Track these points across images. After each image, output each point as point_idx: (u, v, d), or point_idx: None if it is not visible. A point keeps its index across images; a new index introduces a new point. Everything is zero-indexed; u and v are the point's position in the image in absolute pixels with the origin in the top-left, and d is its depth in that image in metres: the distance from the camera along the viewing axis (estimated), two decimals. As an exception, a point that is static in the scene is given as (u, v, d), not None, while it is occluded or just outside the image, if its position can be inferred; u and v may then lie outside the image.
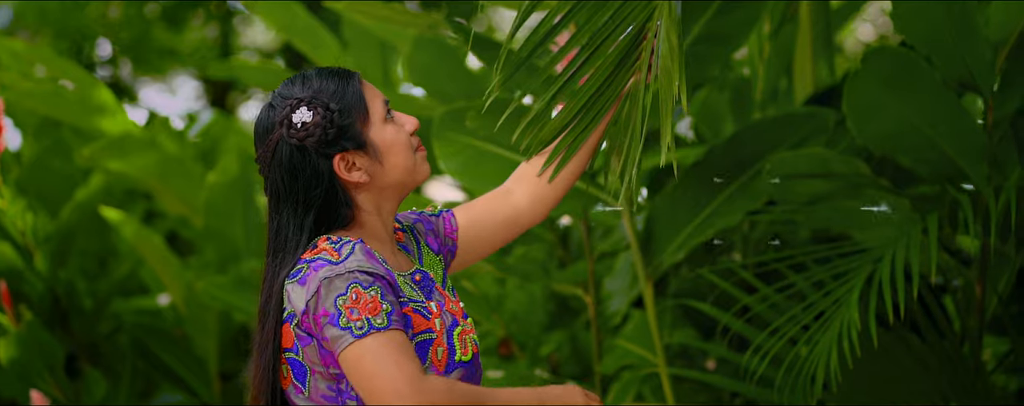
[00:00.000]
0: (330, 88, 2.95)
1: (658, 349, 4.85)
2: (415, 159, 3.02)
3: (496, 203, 3.26)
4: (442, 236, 3.21)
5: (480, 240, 3.25)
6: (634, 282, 5.20)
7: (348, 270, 2.81)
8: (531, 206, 3.25)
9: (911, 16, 4.38)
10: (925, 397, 4.57)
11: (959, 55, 4.40)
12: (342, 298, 2.79)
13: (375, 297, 2.79)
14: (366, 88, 3.00)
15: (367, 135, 2.96)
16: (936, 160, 4.54)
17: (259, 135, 3.00)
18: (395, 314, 2.81)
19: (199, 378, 7.06)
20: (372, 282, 2.81)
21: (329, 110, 2.92)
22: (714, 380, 4.74)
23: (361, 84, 3.00)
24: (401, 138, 2.99)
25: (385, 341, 2.77)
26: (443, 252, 3.20)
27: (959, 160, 4.50)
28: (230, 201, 6.46)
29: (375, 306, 2.78)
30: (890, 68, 4.40)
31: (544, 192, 3.26)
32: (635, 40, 3.16)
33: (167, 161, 6.45)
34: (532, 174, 3.26)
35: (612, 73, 3.18)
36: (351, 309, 2.78)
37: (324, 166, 2.94)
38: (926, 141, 4.50)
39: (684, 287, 5.26)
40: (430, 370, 2.89)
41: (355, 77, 3.00)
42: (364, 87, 3.00)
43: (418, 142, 3.05)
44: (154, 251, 6.80)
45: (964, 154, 4.49)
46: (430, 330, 2.91)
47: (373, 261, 2.86)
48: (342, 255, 2.85)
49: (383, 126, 2.98)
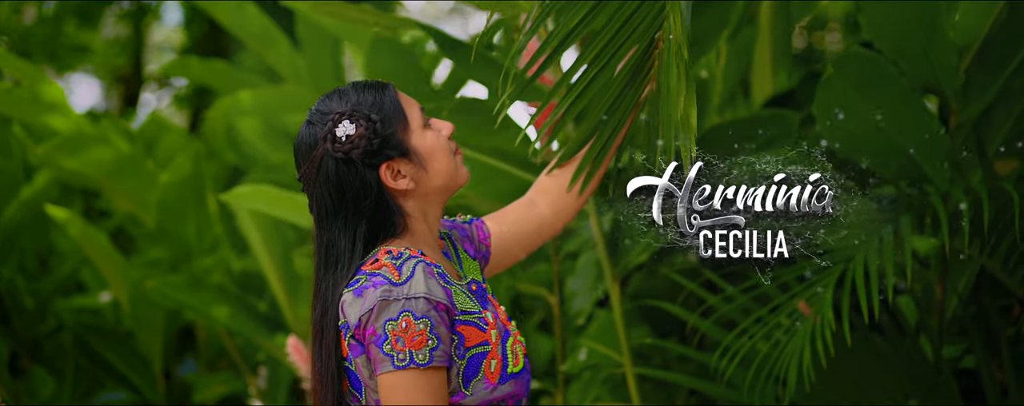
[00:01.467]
0: (368, 99, 2.96)
1: (624, 349, 4.83)
2: (455, 163, 3.03)
3: (522, 213, 3.29)
4: (477, 242, 3.22)
5: (509, 249, 3.27)
6: (596, 282, 5.18)
7: (406, 296, 2.83)
8: (554, 217, 3.29)
9: (882, 21, 4.40)
10: (888, 396, 4.58)
11: (926, 59, 4.42)
12: (392, 323, 2.81)
13: (423, 331, 2.81)
14: (401, 97, 3.01)
15: (409, 142, 2.98)
16: (899, 162, 4.56)
17: (301, 153, 3.01)
18: (439, 350, 2.83)
19: (143, 377, 7.00)
20: (426, 312, 2.82)
21: (371, 121, 2.93)
22: (681, 380, 4.72)
23: (397, 93, 3.01)
24: (441, 143, 3.01)
25: (422, 380, 2.81)
26: (478, 257, 3.21)
27: (922, 162, 4.52)
28: (182, 200, 6.40)
29: (421, 340, 2.81)
30: (860, 71, 4.41)
31: (565, 203, 3.28)
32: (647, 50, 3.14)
33: (120, 159, 6.38)
34: (552, 186, 3.27)
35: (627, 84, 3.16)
36: (397, 338, 2.80)
37: (371, 176, 2.95)
38: (891, 143, 4.51)
39: (643, 287, 5.25)
40: (483, 383, 2.90)
41: (390, 87, 3.01)
42: (400, 96, 3.01)
43: (455, 146, 3.06)
44: (99, 249, 6.73)
45: (927, 156, 4.51)
46: (486, 342, 2.92)
47: (433, 281, 2.87)
48: (403, 276, 2.86)
49: (423, 132, 2.99)
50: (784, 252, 3.41)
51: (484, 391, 2.89)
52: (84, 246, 6.76)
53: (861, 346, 4.51)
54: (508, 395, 2.93)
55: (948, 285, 4.68)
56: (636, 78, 3.19)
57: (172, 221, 6.47)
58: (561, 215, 3.29)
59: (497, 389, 2.90)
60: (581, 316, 5.16)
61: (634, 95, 3.21)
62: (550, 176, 3.31)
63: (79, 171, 6.35)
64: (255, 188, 5.28)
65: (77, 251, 7.43)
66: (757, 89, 5.47)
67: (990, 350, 4.65)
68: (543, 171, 3.38)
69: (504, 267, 3.30)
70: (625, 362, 4.85)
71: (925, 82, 4.49)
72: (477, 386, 2.89)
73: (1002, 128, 4.66)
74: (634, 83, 3.20)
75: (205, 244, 6.55)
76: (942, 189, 4.52)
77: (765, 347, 4.34)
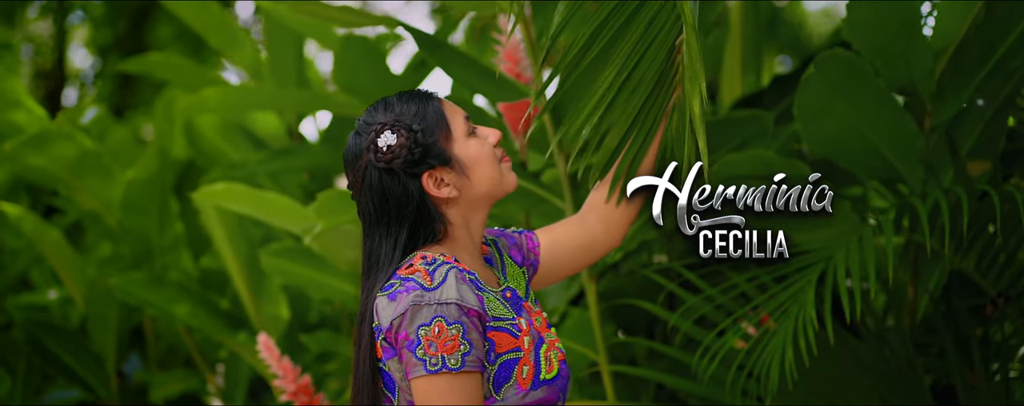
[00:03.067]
0: (411, 110, 2.98)
1: (600, 347, 4.81)
2: (500, 170, 3.04)
3: (573, 228, 3.28)
4: (525, 250, 3.22)
5: (559, 262, 3.26)
6: (570, 280, 5.17)
7: (438, 301, 2.85)
8: (606, 232, 3.27)
9: (864, 22, 4.41)
10: (862, 396, 4.58)
11: (904, 61, 4.44)
12: (425, 328, 2.83)
13: (456, 336, 2.83)
14: (446, 106, 3.03)
15: (451, 151, 2.99)
16: (874, 163, 4.57)
17: (348, 162, 3.04)
18: (472, 355, 2.85)
19: (95, 375, 6.91)
20: (458, 318, 2.84)
21: (412, 131, 2.96)
22: (658, 377, 4.70)
23: (441, 103, 3.02)
24: (485, 151, 3.02)
25: (456, 385, 2.83)
26: (526, 265, 3.21)
27: (896, 163, 4.54)
28: (147, 198, 6.32)
29: (453, 345, 2.83)
30: (839, 73, 4.41)
31: (615, 217, 3.27)
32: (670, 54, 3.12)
33: (83, 156, 6.29)
34: (598, 201, 3.26)
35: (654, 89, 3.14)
36: (430, 343, 2.82)
37: (413, 186, 2.98)
38: (867, 145, 4.52)
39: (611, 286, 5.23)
40: (515, 388, 2.91)
41: (434, 98, 3.03)
42: (444, 106, 3.02)
43: (502, 153, 3.06)
44: (52, 246, 6.65)
45: (901, 158, 4.53)
46: (518, 348, 2.93)
47: (465, 287, 2.88)
48: (435, 281, 2.88)
49: (466, 141, 3.01)
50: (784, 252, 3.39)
51: (516, 397, 2.91)
52: (37, 243, 6.67)
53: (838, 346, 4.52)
54: (540, 401, 2.94)
55: (919, 285, 4.70)
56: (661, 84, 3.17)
57: (135, 219, 6.39)
58: (611, 229, 3.27)
59: (528, 395, 2.92)
60: (555, 314, 5.14)
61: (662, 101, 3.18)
62: (596, 191, 3.30)
63: (44, 168, 6.27)
64: (228, 186, 5.22)
65: (29, 248, 7.34)
66: (726, 90, 5.47)
67: (961, 350, 4.67)
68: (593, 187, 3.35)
69: (553, 280, 3.29)
70: (601, 360, 4.83)
71: (901, 84, 4.51)
72: (508, 391, 2.91)
73: (974, 130, 4.69)
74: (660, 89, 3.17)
75: (166, 242, 6.47)
76: (917, 190, 4.54)
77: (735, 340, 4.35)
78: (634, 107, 3.19)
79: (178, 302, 6.18)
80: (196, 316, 6.18)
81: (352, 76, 5.66)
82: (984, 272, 4.50)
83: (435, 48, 4.66)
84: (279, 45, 6.36)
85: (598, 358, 4.84)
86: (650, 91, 3.18)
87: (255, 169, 6.07)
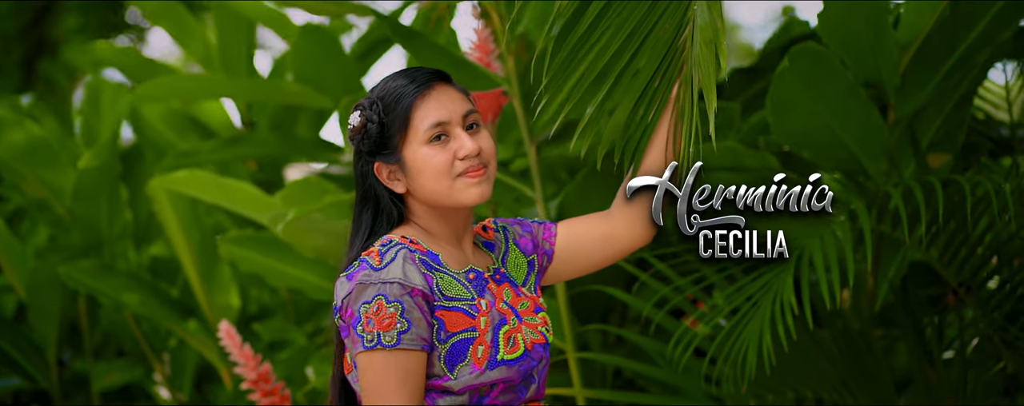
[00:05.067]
0: (388, 99, 2.94)
1: (568, 336, 4.79)
2: (452, 185, 2.93)
3: (597, 221, 3.20)
4: (539, 240, 3.16)
5: (577, 253, 3.18)
6: (536, 270, 5.13)
7: (381, 280, 2.82)
8: (627, 226, 3.17)
9: (836, 15, 4.41)
10: (826, 382, 4.60)
11: (871, 56, 4.45)
12: (366, 306, 2.81)
13: (393, 314, 2.80)
14: (423, 105, 2.93)
15: (401, 151, 2.93)
16: (839, 155, 4.59)
17: None
18: (410, 333, 2.81)
19: (35, 364, 6.79)
20: (398, 296, 2.81)
21: (371, 122, 2.93)
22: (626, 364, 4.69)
23: (422, 97, 2.93)
24: (434, 163, 2.92)
25: (391, 362, 2.81)
26: (537, 254, 3.15)
27: (860, 156, 4.55)
28: (98, 186, 6.21)
29: (391, 322, 2.80)
30: (810, 66, 4.41)
31: (634, 212, 3.16)
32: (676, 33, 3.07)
33: (34, 143, 6.17)
34: (622, 196, 3.17)
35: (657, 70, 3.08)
36: (369, 320, 2.81)
37: (368, 169, 2.97)
38: (833, 137, 4.53)
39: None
40: (469, 367, 2.86)
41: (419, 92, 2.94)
42: (423, 102, 2.93)
43: (470, 166, 2.95)
44: (-7, 234, 6.52)
45: (866, 150, 4.54)
46: (473, 328, 2.88)
47: (411, 267, 2.85)
48: (383, 261, 2.86)
49: (419, 147, 2.92)
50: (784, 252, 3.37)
51: (469, 376, 2.86)
52: (-24, 231, 6.54)
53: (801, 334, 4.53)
54: (499, 380, 2.89)
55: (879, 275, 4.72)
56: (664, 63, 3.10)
57: (87, 207, 6.27)
58: (633, 225, 3.16)
59: (484, 374, 2.87)
60: (520, 303, 5.09)
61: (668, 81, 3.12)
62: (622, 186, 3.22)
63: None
64: (191, 173, 5.15)
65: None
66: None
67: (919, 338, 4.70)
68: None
69: (577, 270, 3.22)
70: (568, 348, 4.81)
71: (868, 77, 4.53)
72: (462, 370, 2.86)
73: (933, 123, 4.72)
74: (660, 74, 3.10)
75: (116, 230, 6.36)
76: (879, 182, 4.56)
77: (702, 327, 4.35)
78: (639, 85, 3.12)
79: (128, 290, 6.09)
80: (146, 305, 6.09)
81: (309, 65, 5.60)
82: (947, 263, 4.52)
83: (407, 37, 4.61)
84: (230, 34, 6.27)
85: (565, 346, 4.81)
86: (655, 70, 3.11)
87: (206, 158, 5.97)
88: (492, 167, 2.99)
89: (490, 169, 2.98)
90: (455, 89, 2.98)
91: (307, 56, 5.46)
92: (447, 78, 2.99)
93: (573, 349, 4.82)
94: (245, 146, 6.15)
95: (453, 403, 2.87)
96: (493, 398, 2.89)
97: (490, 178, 2.99)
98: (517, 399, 2.94)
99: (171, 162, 6.03)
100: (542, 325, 3.01)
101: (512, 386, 2.92)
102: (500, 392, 2.90)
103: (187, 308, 6.19)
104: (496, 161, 3.02)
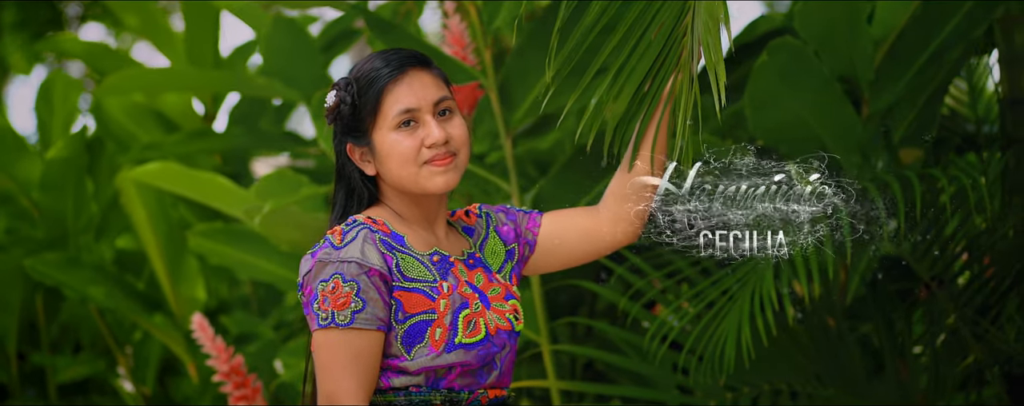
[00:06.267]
0: (362, 81, 2.92)
1: (542, 329, 4.78)
2: (418, 172, 2.92)
3: (583, 215, 3.17)
4: (523, 229, 3.14)
5: (560, 245, 3.15)
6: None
7: (340, 259, 2.82)
8: (612, 224, 3.13)
9: (813, 12, 4.41)
10: (799, 376, 4.60)
11: (846, 51, 4.45)
12: (324, 284, 2.82)
13: (349, 293, 2.81)
14: (395, 90, 2.91)
15: (371, 135, 2.92)
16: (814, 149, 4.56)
17: None
18: (365, 312, 2.81)
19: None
20: (355, 276, 2.81)
21: (344, 103, 2.92)
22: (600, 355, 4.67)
23: (394, 82, 2.90)
24: (400, 149, 2.90)
25: (343, 340, 2.82)
26: (519, 243, 3.12)
27: (834, 150, 4.56)
28: (65, 178, 6.12)
29: (346, 301, 2.80)
30: (788, 61, 4.40)
31: (620, 211, 3.12)
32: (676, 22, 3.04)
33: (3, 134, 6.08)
34: (614, 192, 3.13)
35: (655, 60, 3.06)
36: (325, 298, 2.81)
37: (341, 148, 2.96)
38: (808, 131, 4.53)
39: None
40: (427, 349, 2.85)
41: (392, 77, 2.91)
42: (395, 87, 2.91)
43: (436, 154, 2.93)
44: (-49, 226, 6.43)
45: (839, 144, 4.55)
46: (432, 311, 2.87)
47: (370, 247, 2.84)
48: (344, 240, 2.85)
49: (388, 132, 2.91)
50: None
51: (426, 357, 2.85)
52: (-65, 223, 6.44)
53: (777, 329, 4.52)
54: (456, 363, 2.87)
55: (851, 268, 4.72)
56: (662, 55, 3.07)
57: (53, 199, 6.18)
58: (617, 223, 3.12)
59: (441, 357, 2.86)
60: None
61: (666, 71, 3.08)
62: (613, 181, 3.17)
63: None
64: (164, 166, 5.10)
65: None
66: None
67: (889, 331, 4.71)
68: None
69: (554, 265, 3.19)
70: (542, 341, 4.80)
71: (843, 71, 4.53)
72: (420, 352, 2.85)
73: (905, 118, 4.73)
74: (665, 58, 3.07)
75: (82, 223, 6.28)
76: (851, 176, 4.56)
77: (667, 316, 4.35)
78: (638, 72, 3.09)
79: (94, 284, 6.02)
80: (112, 297, 6.02)
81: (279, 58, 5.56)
82: (920, 257, 4.53)
83: (385, 31, 4.58)
84: (197, 26, 6.21)
85: (540, 339, 4.80)
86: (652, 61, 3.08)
87: (171, 150, 5.91)
88: (462, 155, 2.97)
89: (459, 157, 2.96)
90: (430, 74, 2.95)
91: (277, 49, 5.41)
92: (425, 62, 2.96)
93: (548, 342, 4.80)
94: (211, 139, 6.10)
95: (408, 383, 2.86)
96: (450, 381, 2.88)
97: (458, 167, 2.96)
98: (476, 384, 2.92)
99: (136, 155, 5.97)
100: (511, 312, 2.99)
101: (471, 370, 2.90)
102: (457, 375, 2.88)
103: (153, 301, 6.12)
104: (469, 149, 2.99)
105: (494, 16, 4.68)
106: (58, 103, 6.87)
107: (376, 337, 2.83)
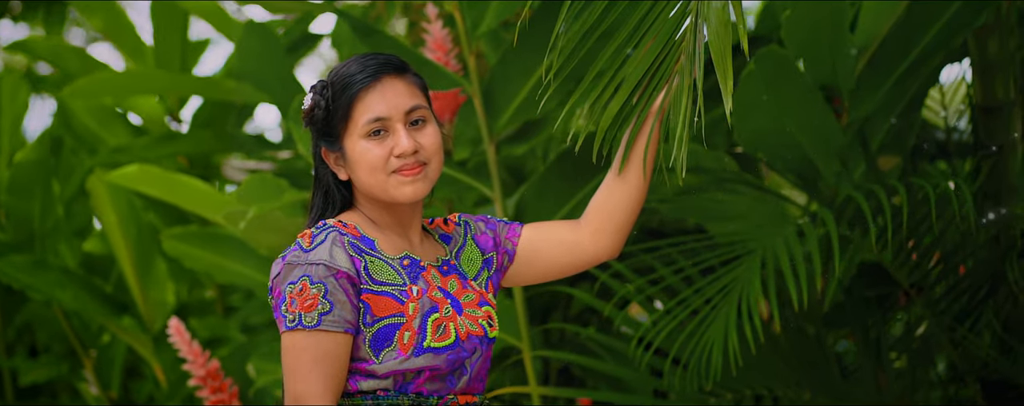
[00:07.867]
0: (337, 85, 2.88)
1: (524, 335, 4.75)
2: (387, 180, 2.89)
3: (564, 227, 3.14)
4: (502, 239, 3.10)
5: (539, 257, 3.11)
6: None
7: (308, 262, 2.79)
8: (593, 236, 3.10)
9: (799, 20, 4.40)
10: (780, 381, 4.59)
11: (829, 59, 4.45)
12: (292, 286, 2.79)
13: (316, 295, 2.78)
14: (367, 97, 2.87)
15: (342, 141, 2.89)
16: (794, 157, 4.58)
17: None
18: (332, 314, 2.79)
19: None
20: (322, 278, 2.78)
21: (318, 107, 2.89)
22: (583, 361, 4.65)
23: (367, 90, 2.87)
24: (369, 157, 2.88)
25: (310, 342, 2.79)
26: (498, 253, 3.09)
27: (814, 158, 4.55)
28: (33, 181, 6.03)
29: (313, 303, 2.78)
30: (773, 70, 4.39)
31: (602, 224, 3.09)
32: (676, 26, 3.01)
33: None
34: (596, 205, 3.10)
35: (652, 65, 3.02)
36: (292, 300, 2.78)
37: (317, 150, 2.95)
38: (790, 139, 4.52)
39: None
40: (395, 352, 2.82)
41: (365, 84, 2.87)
42: (366, 94, 2.87)
43: (404, 164, 2.89)
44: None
45: (820, 152, 4.54)
46: (401, 314, 2.84)
47: (338, 249, 2.81)
48: (313, 243, 2.82)
49: (358, 140, 2.88)
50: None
51: (394, 361, 2.82)
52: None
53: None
54: (425, 367, 2.84)
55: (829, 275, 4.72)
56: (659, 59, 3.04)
57: (21, 202, 6.09)
58: (599, 236, 3.09)
59: (409, 360, 2.83)
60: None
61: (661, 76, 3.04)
62: (597, 195, 3.13)
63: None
64: (142, 169, 5.02)
65: None
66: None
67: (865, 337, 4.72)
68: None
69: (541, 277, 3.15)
70: (524, 347, 4.77)
71: (825, 80, 4.52)
72: (388, 355, 2.82)
73: (883, 125, 4.73)
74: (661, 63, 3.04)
75: (49, 225, 6.18)
76: (830, 183, 4.56)
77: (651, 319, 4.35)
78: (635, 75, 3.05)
79: (62, 286, 5.93)
80: (79, 300, 5.94)
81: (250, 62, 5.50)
82: (900, 264, 4.53)
83: (367, 34, 4.53)
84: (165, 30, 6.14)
85: (521, 345, 4.77)
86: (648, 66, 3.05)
87: (140, 154, 5.84)
88: (433, 165, 2.93)
89: (430, 167, 2.92)
90: (404, 82, 2.91)
91: (249, 53, 5.35)
92: (401, 69, 2.92)
93: (529, 348, 4.77)
94: (179, 142, 6.04)
95: (376, 387, 2.84)
96: (418, 385, 2.85)
97: (428, 176, 2.93)
98: (446, 390, 2.89)
99: (105, 158, 5.90)
100: (484, 318, 2.95)
101: (440, 375, 2.87)
102: (426, 380, 2.85)
103: (121, 304, 6.04)
104: (441, 158, 2.95)
105: (478, 23, 4.64)
106: (6, 102, 6.76)
107: (343, 339, 2.80)
